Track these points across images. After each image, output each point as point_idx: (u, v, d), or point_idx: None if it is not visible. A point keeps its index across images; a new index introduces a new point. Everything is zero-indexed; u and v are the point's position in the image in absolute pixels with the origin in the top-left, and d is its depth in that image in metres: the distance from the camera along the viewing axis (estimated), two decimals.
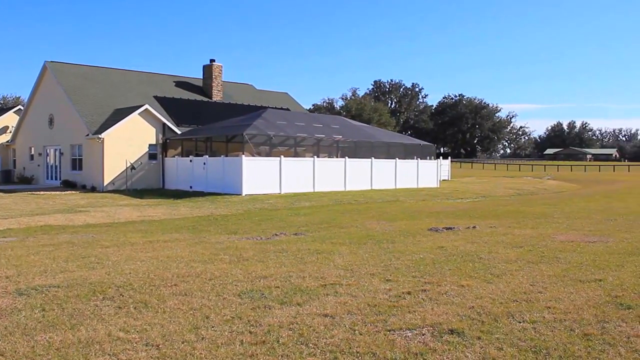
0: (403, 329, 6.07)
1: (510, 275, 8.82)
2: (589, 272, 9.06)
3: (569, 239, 12.76)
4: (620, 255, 10.72)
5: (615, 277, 8.68)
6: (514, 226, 15.40)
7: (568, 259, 10.20)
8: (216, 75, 44.40)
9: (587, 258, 10.33)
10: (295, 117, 40.30)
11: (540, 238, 12.97)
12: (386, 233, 14.13)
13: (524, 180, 54.43)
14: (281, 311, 6.78)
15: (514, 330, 6.04)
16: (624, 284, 8.22)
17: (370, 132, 43.23)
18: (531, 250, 11.17)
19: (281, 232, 14.58)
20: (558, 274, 8.95)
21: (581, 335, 5.92)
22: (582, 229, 14.71)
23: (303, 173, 32.06)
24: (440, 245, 11.82)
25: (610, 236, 13.32)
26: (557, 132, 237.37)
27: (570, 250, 11.25)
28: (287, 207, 23.78)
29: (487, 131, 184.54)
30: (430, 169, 41.02)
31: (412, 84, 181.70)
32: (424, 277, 8.68)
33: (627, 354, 5.39)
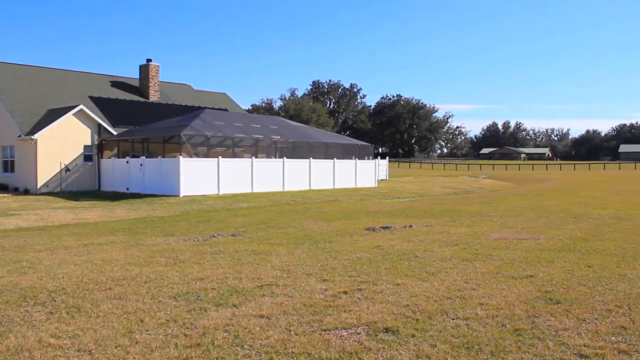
0: (338, 329, 6.09)
1: (445, 273, 8.96)
2: (521, 269, 9.29)
3: (503, 237, 13.05)
4: (551, 251, 11.03)
5: (546, 273, 8.93)
6: (449, 225, 15.65)
7: (501, 256, 10.44)
8: (153, 75, 43.67)
9: (519, 255, 10.59)
10: (234, 117, 40.00)
11: (474, 236, 13.23)
12: (324, 233, 14.17)
13: (461, 179, 55.43)
14: (217, 313, 6.72)
15: (448, 327, 6.13)
16: (554, 280, 8.46)
17: (308, 132, 43.26)
18: (466, 248, 11.38)
19: (219, 234, 14.44)
20: (491, 271, 9.14)
21: (512, 330, 6.06)
22: (515, 227, 15.07)
23: (241, 174, 31.86)
24: (377, 245, 11.92)
25: (542, 233, 13.69)
26: (493, 132, 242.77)
27: (503, 247, 11.52)
28: (225, 208, 23.59)
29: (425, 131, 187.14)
30: (368, 169, 41.33)
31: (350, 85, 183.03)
32: (360, 276, 8.73)
33: (555, 347, 5.54)
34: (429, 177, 57.74)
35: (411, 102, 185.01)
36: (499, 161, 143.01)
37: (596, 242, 12.16)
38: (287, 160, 34.88)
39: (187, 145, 30.99)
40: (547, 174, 72.09)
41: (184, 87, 50.24)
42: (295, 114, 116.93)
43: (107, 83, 43.13)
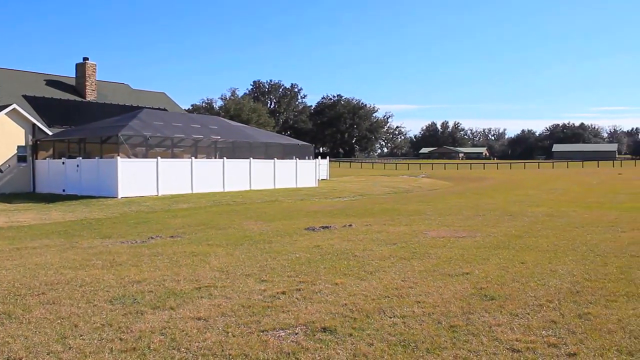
0: (276, 329, 6.08)
1: (383, 271, 9.06)
2: (457, 266, 9.46)
3: (440, 235, 13.27)
4: (487, 249, 11.28)
5: (481, 270, 9.12)
6: (388, 224, 15.82)
7: (438, 254, 10.61)
8: (90, 74, 42.66)
9: (456, 253, 10.79)
10: (173, 117, 39.49)
11: (413, 235, 13.41)
12: (263, 233, 14.14)
13: (400, 178, 56.08)
14: (154, 316, 6.62)
15: (385, 326, 6.20)
16: (489, 276, 8.65)
17: (249, 132, 43.08)
18: (404, 247, 11.52)
19: (157, 235, 14.25)
20: (428, 269, 9.28)
21: (448, 327, 6.17)
22: (452, 225, 15.34)
23: (181, 174, 31.47)
24: (316, 244, 11.96)
25: (478, 231, 13.97)
26: (432, 131, 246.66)
27: (440, 245, 11.71)
28: (164, 209, 23.27)
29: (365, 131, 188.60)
30: (308, 169, 41.41)
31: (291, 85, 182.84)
32: (299, 276, 8.75)
33: (488, 343, 5.67)
34: (369, 177, 58.22)
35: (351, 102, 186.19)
36: (438, 160, 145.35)
37: (530, 239, 12.49)
38: (228, 161, 34.64)
39: (125, 146, 30.43)
40: (485, 173, 73.65)
41: (122, 87, 49.31)
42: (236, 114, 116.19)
43: (42, 82, 41.93)
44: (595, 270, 9.06)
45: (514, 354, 5.39)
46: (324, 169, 52.83)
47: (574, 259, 10.05)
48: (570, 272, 8.98)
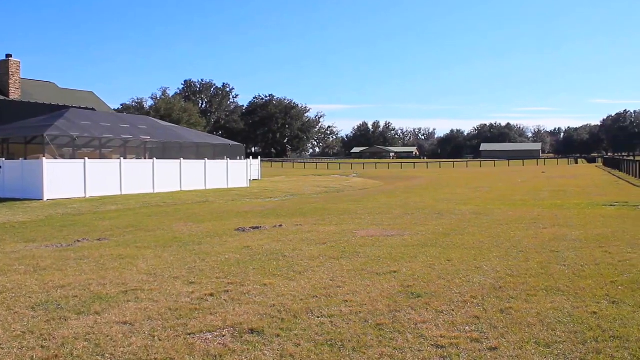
0: (203, 332, 6.04)
1: (312, 271, 9.10)
2: (385, 265, 9.59)
3: (370, 234, 13.42)
4: (415, 247, 11.47)
5: (409, 268, 9.27)
6: (319, 223, 15.90)
7: (367, 253, 10.73)
8: (13, 71, 41.25)
9: (384, 251, 10.93)
10: (101, 117, 38.60)
11: (342, 234, 13.51)
12: (193, 235, 13.99)
13: (332, 178, 56.42)
14: (78, 322, 6.46)
15: (312, 326, 6.23)
16: (416, 274, 8.81)
17: (179, 132, 42.53)
18: (333, 247, 11.60)
19: (84, 238, 13.90)
20: (357, 268, 9.38)
21: (374, 325, 6.25)
22: (382, 224, 15.53)
23: (110, 175, 30.78)
24: (246, 245, 11.92)
25: (407, 230, 14.20)
26: (363, 131, 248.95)
27: (369, 244, 11.84)
28: (92, 211, 22.72)
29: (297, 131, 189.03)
30: (240, 169, 41.16)
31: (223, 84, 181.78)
32: (228, 277, 8.70)
33: (413, 340, 5.77)
34: (301, 177, 58.35)
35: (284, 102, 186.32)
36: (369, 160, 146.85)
37: (456, 237, 12.77)
38: (158, 161, 34.08)
39: (51, 146, 29.56)
40: (415, 172, 74.88)
41: (48, 85, 47.89)
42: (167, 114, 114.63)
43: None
44: (517, 266, 9.34)
45: (438, 350, 5.51)
46: (255, 169, 52.59)
47: (498, 256, 10.34)
48: (494, 268, 9.23)
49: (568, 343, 5.64)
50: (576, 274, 8.65)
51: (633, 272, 8.68)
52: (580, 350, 5.45)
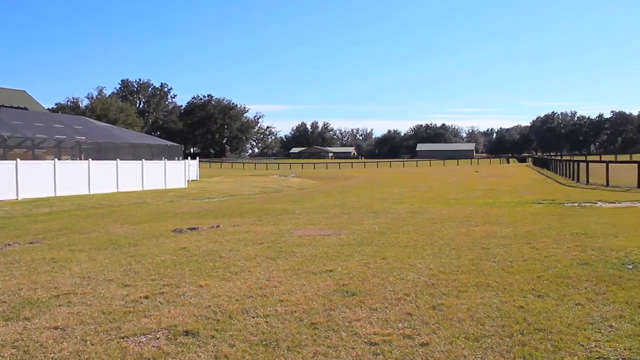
0: (137, 335, 5.99)
1: (249, 272, 9.12)
2: (321, 264, 9.68)
3: (307, 234, 13.50)
4: (350, 246, 11.61)
5: (344, 267, 9.38)
6: (256, 224, 15.90)
7: (303, 253, 10.80)
8: None
9: (320, 251, 11.02)
10: (34, 117, 37.71)
11: (280, 234, 13.55)
12: (129, 237, 13.79)
13: (270, 178, 56.40)
14: (6, 328, 6.31)
15: (248, 326, 6.26)
16: (351, 273, 8.92)
17: (116, 133, 41.88)
18: (270, 247, 11.63)
19: (15, 242, 13.51)
20: (293, 267, 9.44)
21: (309, 324, 6.32)
22: (319, 224, 15.64)
23: (43, 177, 30.01)
24: (182, 247, 11.83)
25: (343, 229, 14.34)
26: (302, 131, 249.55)
27: (306, 244, 11.91)
28: (24, 214, 22.11)
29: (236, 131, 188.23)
30: (178, 170, 40.75)
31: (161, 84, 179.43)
32: (164, 279, 8.64)
33: (347, 338, 5.87)
34: (240, 177, 58.14)
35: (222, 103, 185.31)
36: (308, 160, 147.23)
37: (392, 236, 12.97)
38: (93, 162, 33.42)
39: None
40: (352, 172, 75.48)
41: None
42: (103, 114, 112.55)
43: None
44: (449, 263, 9.57)
45: (371, 347, 5.61)
46: (193, 169, 52.14)
47: (432, 253, 10.56)
48: (427, 265, 9.43)
49: (496, 337, 5.84)
50: (505, 270, 8.93)
51: (558, 267, 9.02)
52: (507, 343, 5.65)
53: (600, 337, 5.79)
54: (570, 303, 6.99)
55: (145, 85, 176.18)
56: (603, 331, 5.95)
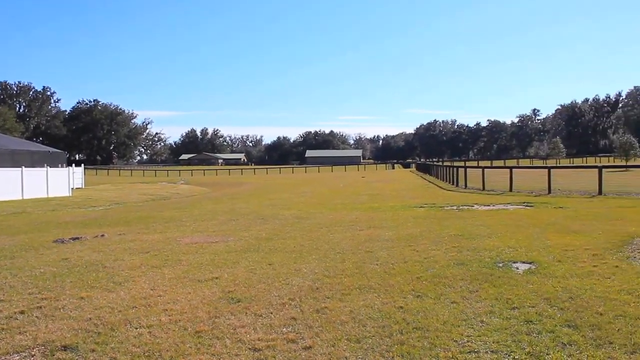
0: (10, 353, 5.75)
1: (133, 281, 8.96)
2: (208, 272, 9.65)
3: (194, 241, 13.39)
4: (237, 252, 11.63)
5: (230, 274, 9.40)
6: (143, 232, 15.60)
7: (190, 261, 10.72)
8: None
9: (207, 258, 10.97)
10: None
11: (166, 242, 13.36)
12: (5, 249, 13.15)
13: (159, 185, 55.30)
14: None
15: (130, 337, 6.16)
16: (237, 279, 8.95)
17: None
18: (156, 255, 11.46)
19: None
20: (179, 275, 9.36)
21: (193, 332, 6.30)
22: (206, 231, 15.54)
23: None
24: (64, 257, 11.43)
25: (231, 235, 14.32)
26: (192, 138, 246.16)
27: (193, 252, 11.82)
28: None
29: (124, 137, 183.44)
30: (61, 178, 39.24)
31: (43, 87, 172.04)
32: (42, 292, 8.33)
33: (232, 345, 5.90)
34: (128, 184, 56.67)
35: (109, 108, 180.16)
36: (197, 167, 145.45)
37: (279, 241, 13.08)
38: None
39: None
40: (242, 179, 75.27)
41: None
42: None
43: None
44: (334, 267, 9.78)
45: (255, 353, 5.67)
46: (78, 177, 50.34)
47: (317, 258, 10.75)
48: (312, 270, 9.59)
49: (376, 337, 6.05)
50: (387, 272, 9.24)
51: (436, 268, 9.43)
52: (386, 343, 5.87)
53: (473, 332, 6.13)
54: (446, 301, 7.35)
55: (26, 88, 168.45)
56: (475, 326, 6.31)
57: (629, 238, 11.93)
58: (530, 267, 9.32)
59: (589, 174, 30.30)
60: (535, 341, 5.80)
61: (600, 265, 9.34)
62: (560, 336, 5.92)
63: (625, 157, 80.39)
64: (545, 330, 6.11)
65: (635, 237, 12.07)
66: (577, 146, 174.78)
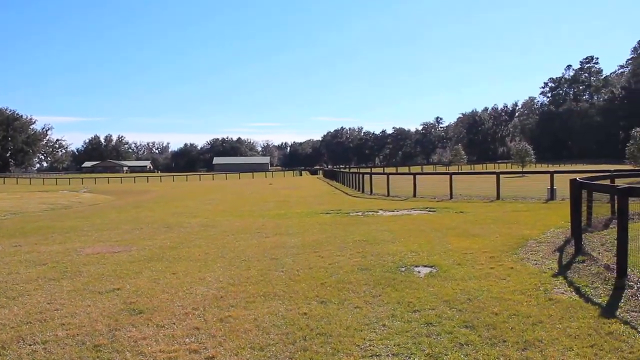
0: None
1: (28, 295, 8.61)
2: (109, 283, 9.40)
3: (95, 252, 13.00)
4: (141, 262, 11.38)
5: (133, 285, 9.20)
6: (41, 243, 14.99)
7: (91, 272, 10.40)
8: None
9: (109, 269, 10.69)
10: None
11: (66, 253, 12.91)
12: None
13: (60, 194, 53.30)
14: None
15: (23, 355, 5.93)
16: (140, 290, 8.77)
17: None
18: (55, 267, 11.06)
19: None
20: (78, 288, 9.07)
21: (92, 347, 6.14)
22: (109, 240, 15.12)
23: None
24: None
25: (134, 245, 14.00)
26: (95, 145, 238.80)
27: (94, 262, 11.48)
28: None
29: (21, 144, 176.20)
30: None
31: None
32: None
33: (132, 357, 5.80)
34: (26, 193, 54.37)
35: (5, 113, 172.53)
36: (101, 175, 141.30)
37: (183, 250, 12.89)
38: None
39: None
40: (148, 186, 73.65)
41: None
42: None
43: None
44: (239, 275, 9.75)
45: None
46: None
47: (222, 266, 10.68)
48: (217, 278, 9.52)
49: (280, 344, 6.07)
50: (292, 279, 9.28)
51: (340, 273, 9.56)
52: (290, 350, 5.90)
53: (375, 336, 6.25)
54: (350, 307, 7.45)
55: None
56: (377, 330, 6.44)
57: (524, 240, 12.49)
58: (432, 271, 9.60)
59: (488, 179, 31.48)
60: (435, 343, 5.98)
61: (497, 267, 9.73)
62: (458, 337, 6.13)
63: (522, 163, 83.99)
64: (444, 332, 6.31)
65: (529, 239, 12.64)
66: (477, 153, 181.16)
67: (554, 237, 12.84)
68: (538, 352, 5.67)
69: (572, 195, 11.73)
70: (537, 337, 6.08)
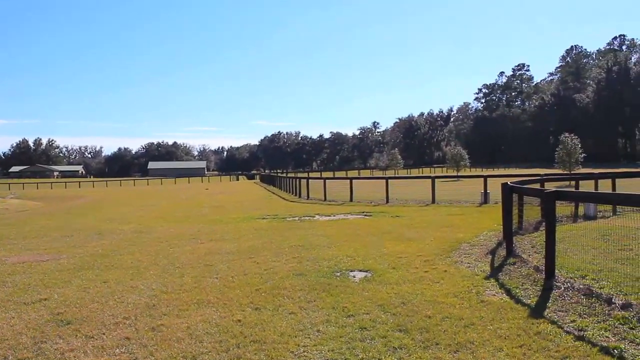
0: None
1: None
2: (36, 293, 9.08)
3: (22, 260, 12.55)
4: (70, 271, 11.03)
5: (61, 294, 8.90)
6: None
7: (16, 282, 10.03)
8: None
9: (36, 278, 10.32)
10: None
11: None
12: None
13: None
14: None
15: None
16: (68, 300, 8.50)
17: None
18: None
19: None
20: (2, 299, 8.74)
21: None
22: (37, 249, 14.63)
23: None
24: None
25: (64, 253, 13.58)
26: (23, 149, 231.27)
27: (20, 272, 11.07)
28: None
29: None
30: None
31: None
32: None
33: None
34: None
35: None
36: (30, 180, 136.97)
37: (115, 258, 12.58)
38: None
39: None
40: (80, 192, 71.81)
41: None
42: None
43: None
44: (172, 282, 9.56)
45: None
46: None
47: (155, 273, 10.46)
48: (149, 286, 9.31)
49: (213, 353, 5.97)
50: (226, 285, 9.16)
51: (275, 279, 9.49)
52: (223, 358, 5.82)
53: (309, 342, 6.22)
54: (284, 312, 7.40)
55: None
56: (311, 336, 6.41)
57: (457, 244, 12.68)
58: (367, 275, 9.63)
59: (424, 184, 31.88)
60: (369, 347, 5.99)
61: (431, 270, 9.84)
62: (391, 341, 6.16)
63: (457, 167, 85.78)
64: (378, 336, 6.33)
65: (462, 242, 12.85)
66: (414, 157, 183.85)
67: (486, 239, 13.08)
68: (469, 354, 5.74)
69: (503, 199, 12.00)
70: (468, 338, 6.16)
